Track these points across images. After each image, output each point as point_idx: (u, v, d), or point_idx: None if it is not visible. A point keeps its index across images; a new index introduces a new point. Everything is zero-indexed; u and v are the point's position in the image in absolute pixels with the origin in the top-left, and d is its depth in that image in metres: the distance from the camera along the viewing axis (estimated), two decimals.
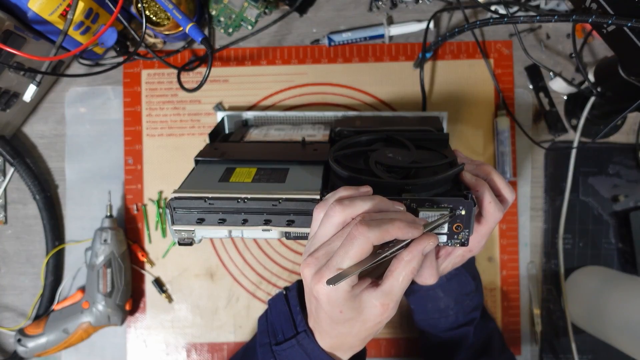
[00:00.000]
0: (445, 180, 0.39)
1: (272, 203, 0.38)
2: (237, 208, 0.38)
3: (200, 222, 0.38)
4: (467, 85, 0.64)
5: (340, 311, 0.33)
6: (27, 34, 0.52)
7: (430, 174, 0.39)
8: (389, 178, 0.38)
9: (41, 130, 0.65)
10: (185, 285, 0.64)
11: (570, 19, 0.43)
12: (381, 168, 0.39)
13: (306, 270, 0.34)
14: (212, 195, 0.38)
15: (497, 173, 0.41)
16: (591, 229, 0.64)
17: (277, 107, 0.64)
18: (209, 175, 0.43)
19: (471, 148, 0.64)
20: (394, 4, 0.64)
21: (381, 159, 0.40)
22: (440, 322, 0.52)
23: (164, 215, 0.64)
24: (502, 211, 0.40)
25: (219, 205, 0.38)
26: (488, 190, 0.39)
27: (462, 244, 0.38)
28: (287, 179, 0.41)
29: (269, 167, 0.43)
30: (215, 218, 0.38)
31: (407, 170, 0.40)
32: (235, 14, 0.64)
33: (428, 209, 0.36)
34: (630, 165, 0.64)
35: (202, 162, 0.46)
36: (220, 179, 0.42)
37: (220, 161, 0.46)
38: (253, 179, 0.41)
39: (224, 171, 0.43)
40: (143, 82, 0.64)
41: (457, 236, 0.38)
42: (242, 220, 0.38)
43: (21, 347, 0.59)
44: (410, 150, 0.42)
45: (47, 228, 0.63)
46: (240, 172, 0.43)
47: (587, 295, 0.59)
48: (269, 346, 0.42)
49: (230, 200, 0.38)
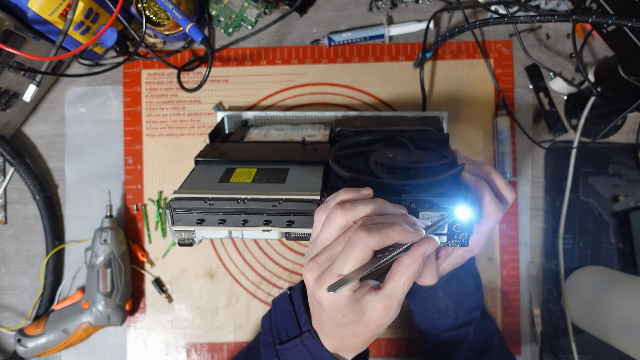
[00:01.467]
0: (446, 180, 0.39)
1: (272, 204, 0.38)
2: (237, 209, 0.38)
3: (201, 222, 0.38)
4: (467, 85, 0.64)
5: (342, 315, 0.33)
6: (27, 34, 0.52)
7: (430, 175, 0.39)
8: (389, 178, 0.38)
9: (41, 130, 0.65)
10: (185, 285, 0.64)
11: (570, 19, 0.43)
12: (381, 168, 0.39)
13: (308, 275, 0.34)
14: (212, 196, 0.38)
15: (497, 173, 0.41)
16: (591, 229, 0.64)
17: (277, 107, 0.64)
18: (209, 175, 0.43)
19: (471, 148, 0.64)
20: (394, 4, 0.64)
21: (381, 159, 0.40)
22: (440, 322, 0.52)
23: (163, 215, 0.64)
24: (502, 211, 0.40)
25: (219, 205, 0.38)
26: (488, 190, 0.39)
27: (462, 244, 0.38)
28: (287, 180, 0.41)
29: (269, 168, 0.44)
30: (215, 219, 0.38)
31: (407, 171, 0.40)
32: (235, 14, 0.64)
33: (428, 210, 0.36)
34: (631, 165, 0.64)
35: (202, 162, 0.46)
36: (220, 180, 0.42)
37: (220, 161, 0.46)
38: (253, 180, 0.41)
39: (224, 171, 0.43)
40: (143, 82, 0.64)
41: (457, 236, 0.38)
42: (242, 221, 0.38)
43: (21, 347, 0.59)
44: (411, 150, 0.42)
45: (47, 228, 0.63)
46: (241, 173, 0.43)
47: (587, 295, 0.59)
48: (273, 345, 0.42)
49: (230, 200, 0.38)
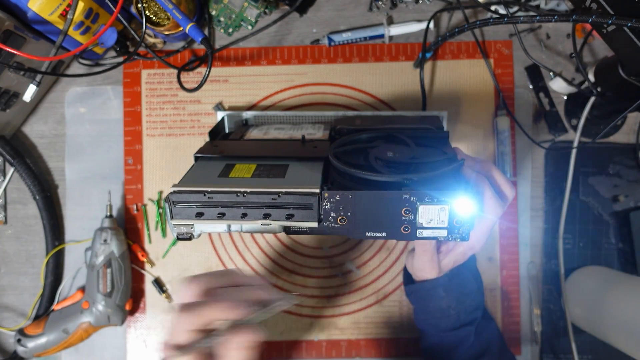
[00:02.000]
0: (446, 175, 0.39)
1: (272, 197, 0.37)
2: (236, 202, 0.38)
3: (200, 216, 0.38)
4: (467, 85, 0.64)
5: None
6: (27, 34, 0.52)
7: (430, 169, 0.38)
8: (389, 172, 0.38)
9: (41, 130, 0.65)
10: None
11: (571, 19, 0.43)
12: (381, 164, 0.39)
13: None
14: (212, 189, 0.38)
15: (498, 170, 0.41)
16: (591, 229, 0.64)
17: (277, 107, 0.64)
18: (208, 170, 0.43)
19: (471, 148, 0.64)
20: (394, 4, 0.64)
21: (381, 155, 0.40)
22: (441, 322, 0.52)
23: (163, 215, 0.64)
24: (502, 207, 0.40)
25: (218, 199, 0.38)
26: (488, 185, 0.39)
27: (462, 238, 0.38)
28: (287, 175, 0.41)
29: (268, 164, 0.43)
30: (214, 212, 0.38)
31: (407, 166, 0.40)
32: (235, 14, 0.64)
33: (428, 203, 0.36)
34: (631, 165, 0.64)
35: (202, 158, 0.46)
36: (220, 175, 0.41)
37: (220, 157, 0.45)
38: (253, 175, 0.41)
39: (223, 167, 0.43)
40: (143, 82, 0.64)
41: (457, 230, 0.37)
42: (242, 215, 0.38)
43: (21, 347, 0.59)
44: (411, 146, 0.42)
45: (47, 228, 0.63)
46: (240, 168, 0.42)
47: (587, 295, 0.59)
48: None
49: (230, 194, 0.38)
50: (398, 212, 0.37)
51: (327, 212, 0.38)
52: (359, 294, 0.64)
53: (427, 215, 0.37)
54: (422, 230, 0.38)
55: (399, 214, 0.37)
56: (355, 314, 0.64)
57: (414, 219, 0.37)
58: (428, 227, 0.38)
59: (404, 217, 0.37)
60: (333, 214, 0.38)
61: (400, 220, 0.37)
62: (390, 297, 0.64)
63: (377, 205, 0.37)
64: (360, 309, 0.64)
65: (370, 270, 0.64)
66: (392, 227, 0.38)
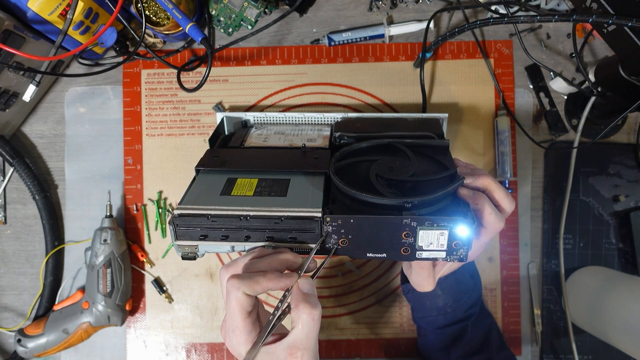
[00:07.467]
0: (446, 196, 0.39)
1: (274, 221, 0.38)
2: (239, 225, 0.39)
3: (204, 238, 0.39)
4: (467, 85, 0.64)
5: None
6: (27, 34, 0.52)
7: (430, 188, 0.39)
8: (390, 194, 0.38)
9: (41, 130, 0.65)
10: (185, 285, 0.64)
11: (571, 18, 0.43)
12: (382, 182, 0.40)
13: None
14: (215, 213, 0.38)
15: (496, 183, 0.41)
16: (592, 229, 0.64)
17: (277, 106, 0.64)
18: (210, 187, 0.43)
19: (471, 148, 0.64)
20: (394, 4, 0.64)
21: (382, 171, 0.40)
22: (438, 319, 0.52)
23: (163, 215, 0.64)
24: (502, 221, 0.41)
25: (222, 222, 0.39)
26: (487, 202, 0.40)
27: (460, 259, 0.39)
28: (289, 193, 0.42)
29: (270, 178, 0.44)
30: (218, 234, 0.39)
31: (407, 184, 0.40)
32: (235, 13, 0.64)
33: (428, 229, 0.37)
34: (631, 165, 0.64)
35: (203, 171, 0.46)
36: (222, 192, 0.42)
37: (221, 171, 0.46)
38: (255, 192, 0.42)
39: (225, 182, 0.43)
40: (143, 82, 0.64)
41: (456, 252, 0.38)
42: (245, 237, 0.39)
43: (21, 348, 0.59)
44: (411, 160, 0.42)
45: (47, 228, 0.63)
46: (242, 184, 0.43)
47: (588, 295, 0.59)
48: None
49: (233, 218, 0.38)
50: (398, 235, 0.38)
51: (329, 235, 0.39)
52: (359, 294, 0.64)
53: (427, 239, 0.37)
54: (422, 252, 0.38)
55: (399, 237, 0.38)
56: (355, 314, 0.64)
57: (414, 242, 0.38)
58: (427, 250, 0.38)
59: (404, 240, 0.38)
60: (335, 236, 0.39)
61: (400, 242, 0.38)
62: (390, 297, 0.64)
63: (378, 229, 0.38)
64: (360, 309, 0.64)
65: (370, 270, 0.64)
66: (393, 249, 0.39)
